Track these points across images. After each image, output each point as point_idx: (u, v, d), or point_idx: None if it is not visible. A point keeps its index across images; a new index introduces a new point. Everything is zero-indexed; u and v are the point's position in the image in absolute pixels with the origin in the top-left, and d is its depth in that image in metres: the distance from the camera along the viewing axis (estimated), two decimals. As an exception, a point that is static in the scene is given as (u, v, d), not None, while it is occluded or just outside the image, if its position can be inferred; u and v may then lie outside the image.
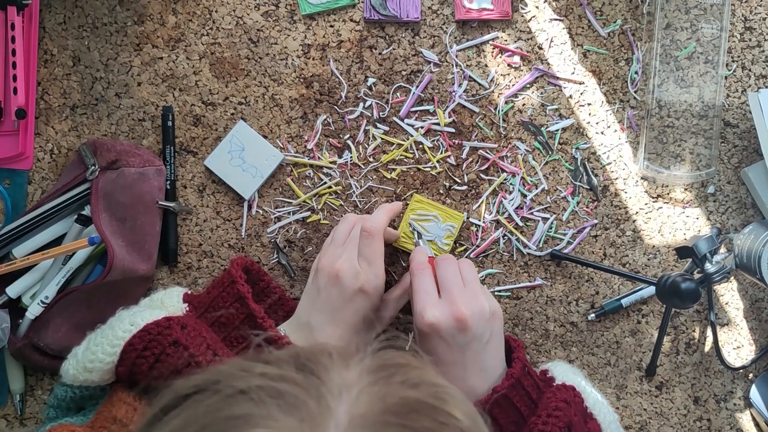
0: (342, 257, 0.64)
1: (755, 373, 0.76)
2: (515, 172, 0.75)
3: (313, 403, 0.32)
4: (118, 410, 0.54)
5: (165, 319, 0.57)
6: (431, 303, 0.60)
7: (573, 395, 0.60)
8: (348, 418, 0.32)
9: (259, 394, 0.32)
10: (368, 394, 0.33)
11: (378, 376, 0.35)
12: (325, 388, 0.33)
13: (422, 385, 0.35)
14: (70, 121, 0.75)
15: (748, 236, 0.71)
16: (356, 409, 0.33)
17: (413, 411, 0.33)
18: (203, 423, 0.32)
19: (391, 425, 0.32)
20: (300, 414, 0.32)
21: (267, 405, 0.32)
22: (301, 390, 0.33)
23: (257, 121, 0.75)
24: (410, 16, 0.74)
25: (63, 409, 0.60)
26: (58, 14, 0.75)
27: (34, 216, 0.70)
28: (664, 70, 0.74)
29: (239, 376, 0.34)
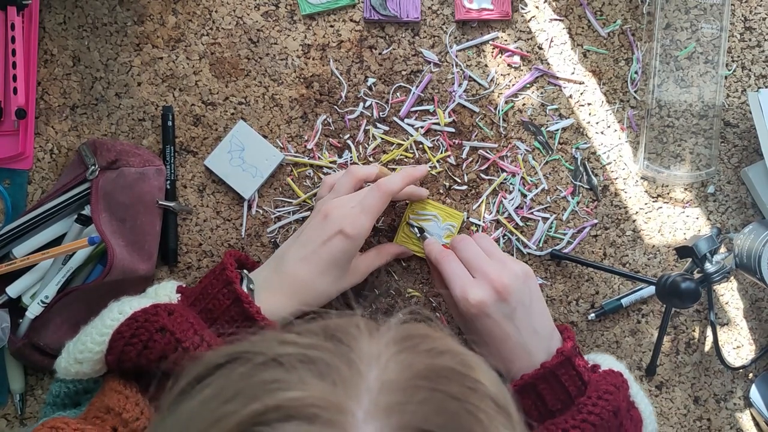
0: (336, 201, 0.64)
1: (755, 372, 0.76)
2: (515, 172, 0.75)
3: (345, 369, 0.33)
4: (110, 399, 0.54)
5: (152, 306, 0.57)
6: (470, 284, 0.62)
7: (621, 381, 0.61)
8: (378, 384, 0.32)
9: (290, 361, 0.33)
10: (396, 362, 0.34)
11: (404, 345, 0.35)
12: (355, 355, 0.34)
13: (448, 353, 0.36)
14: (70, 121, 0.75)
15: (748, 236, 0.71)
16: (386, 375, 0.33)
17: (441, 377, 0.33)
18: (236, 389, 0.32)
19: (421, 389, 0.32)
20: (332, 378, 0.32)
21: (299, 371, 0.32)
22: (333, 356, 0.33)
23: (257, 121, 0.75)
24: (410, 16, 0.74)
25: (59, 405, 0.60)
26: (58, 14, 0.75)
27: (34, 216, 0.70)
28: (664, 70, 0.74)
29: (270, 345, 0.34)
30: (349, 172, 0.67)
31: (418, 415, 0.31)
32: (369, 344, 0.35)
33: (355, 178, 0.67)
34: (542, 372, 0.59)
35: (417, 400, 0.32)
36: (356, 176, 0.67)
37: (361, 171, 0.67)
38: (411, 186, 0.70)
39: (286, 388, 0.31)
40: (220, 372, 0.34)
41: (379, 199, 0.64)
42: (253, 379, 0.33)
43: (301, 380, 0.32)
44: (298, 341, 0.34)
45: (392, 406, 0.31)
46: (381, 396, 0.32)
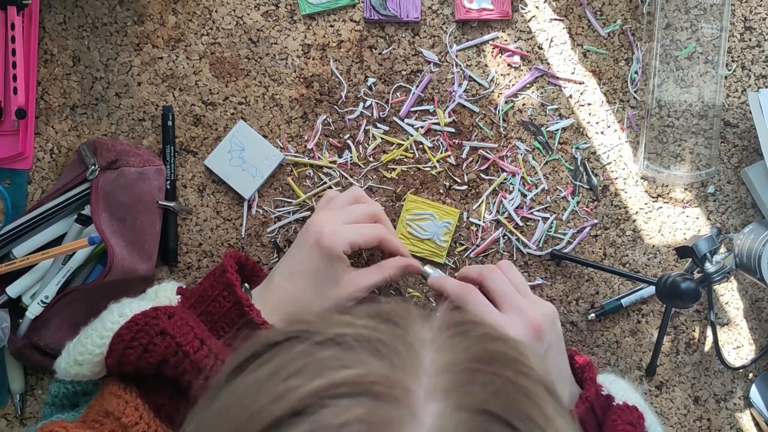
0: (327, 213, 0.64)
1: (755, 372, 0.76)
2: (515, 172, 0.75)
3: (402, 350, 0.33)
4: (109, 403, 0.54)
5: (152, 309, 0.57)
6: (504, 321, 0.59)
7: (637, 417, 0.59)
8: (435, 366, 0.33)
9: (348, 341, 0.33)
10: (450, 346, 0.34)
11: (456, 330, 0.36)
12: (411, 338, 0.34)
13: (500, 338, 0.36)
14: (70, 121, 0.75)
15: (748, 236, 0.71)
16: (441, 358, 0.33)
17: (496, 361, 0.34)
18: (298, 366, 0.32)
19: (478, 372, 0.33)
20: (391, 359, 0.33)
21: (357, 351, 0.33)
22: (390, 338, 0.34)
23: (257, 121, 0.75)
24: (410, 16, 0.74)
25: (57, 406, 0.60)
26: (58, 14, 0.75)
27: (34, 216, 0.70)
28: (664, 70, 0.74)
29: (328, 326, 0.34)
30: (351, 191, 0.68)
31: (478, 396, 0.32)
32: (422, 328, 0.35)
33: (354, 198, 0.68)
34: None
35: (476, 382, 0.32)
36: (356, 196, 0.68)
37: (362, 193, 0.69)
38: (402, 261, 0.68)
39: (348, 366, 0.32)
40: (277, 350, 0.34)
41: (370, 235, 0.64)
42: (314, 356, 0.33)
43: (361, 360, 0.32)
44: (354, 322, 0.35)
45: (451, 387, 0.32)
46: (439, 378, 0.32)
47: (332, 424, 0.29)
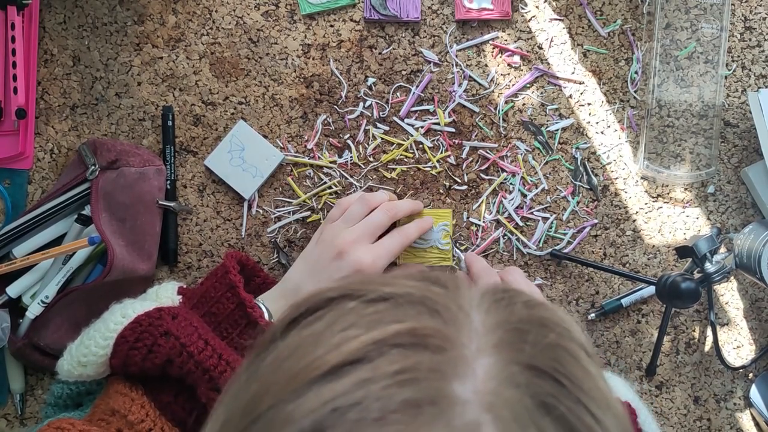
0: (352, 236, 0.64)
1: (755, 372, 0.76)
2: (515, 172, 0.75)
3: (454, 309, 0.34)
4: (114, 402, 0.54)
5: (156, 310, 0.57)
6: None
7: (629, 413, 0.59)
8: (484, 326, 0.34)
9: (399, 300, 0.34)
10: (497, 309, 0.35)
11: (501, 296, 0.37)
12: (462, 300, 0.35)
13: (544, 306, 0.37)
14: (70, 121, 0.75)
15: (748, 236, 0.71)
16: (490, 318, 0.34)
17: (542, 324, 0.35)
18: (351, 320, 0.33)
19: (527, 332, 0.34)
20: (442, 317, 0.33)
21: (408, 308, 0.34)
22: (441, 297, 0.35)
23: (257, 121, 0.75)
24: (410, 16, 0.74)
25: (60, 406, 0.60)
26: (58, 14, 0.75)
27: (34, 216, 0.70)
28: (664, 70, 0.74)
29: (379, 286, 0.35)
30: (363, 199, 0.68)
31: (527, 353, 0.32)
32: (469, 292, 0.36)
33: (368, 207, 0.68)
34: None
35: (526, 340, 0.33)
36: (369, 204, 0.68)
37: (373, 199, 0.69)
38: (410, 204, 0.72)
39: (402, 320, 0.33)
40: (331, 305, 0.35)
41: (400, 244, 0.66)
42: (366, 311, 0.34)
43: (413, 315, 0.33)
44: (405, 283, 0.36)
45: (502, 344, 0.33)
46: (489, 335, 0.33)
47: (389, 371, 0.30)
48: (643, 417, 0.61)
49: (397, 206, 0.69)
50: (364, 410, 0.29)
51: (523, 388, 0.31)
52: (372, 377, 0.30)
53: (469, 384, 0.30)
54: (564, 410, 0.31)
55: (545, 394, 0.31)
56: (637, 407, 0.61)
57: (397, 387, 0.29)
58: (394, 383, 0.30)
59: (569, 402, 0.31)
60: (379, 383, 0.30)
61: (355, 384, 0.30)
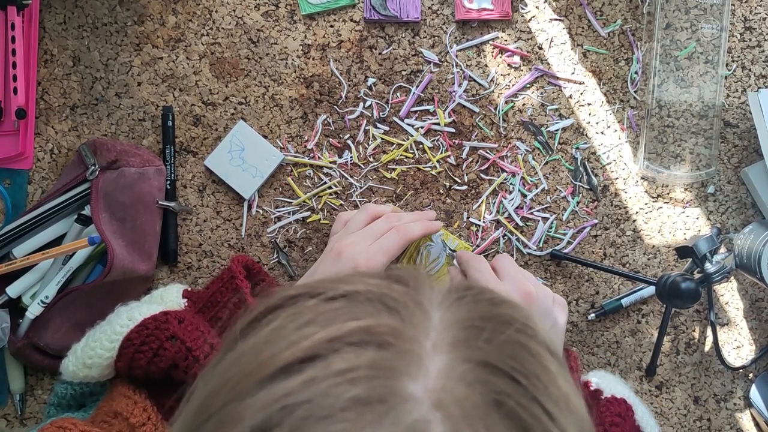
0: (351, 239, 0.64)
1: (755, 373, 0.76)
2: (515, 172, 0.75)
3: (413, 306, 0.34)
4: (118, 404, 0.55)
5: (162, 314, 0.57)
6: (495, 281, 0.61)
7: (626, 409, 0.59)
8: (443, 323, 0.34)
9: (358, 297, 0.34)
10: (458, 306, 0.35)
11: (465, 293, 0.37)
12: (422, 297, 0.35)
13: (507, 303, 0.37)
14: (70, 121, 0.75)
15: (748, 236, 0.71)
16: (450, 316, 0.34)
17: (503, 322, 0.35)
18: (308, 318, 0.33)
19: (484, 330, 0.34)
20: (400, 314, 0.34)
21: (367, 305, 0.34)
22: (401, 295, 0.35)
23: (257, 121, 0.75)
24: (410, 16, 0.74)
25: (64, 407, 0.60)
26: (58, 14, 0.75)
27: (34, 216, 0.70)
28: (664, 70, 0.74)
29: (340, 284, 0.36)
30: (365, 209, 0.68)
31: (483, 350, 0.33)
32: (432, 290, 0.37)
33: (370, 216, 0.67)
34: None
35: (480, 337, 0.33)
36: (371, 214, 0.68)
37: (375, 209, 0.68)
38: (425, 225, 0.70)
39: (359, 318, 0.33)
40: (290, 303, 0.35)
41: (397, 243, 0.64)
42: (325, 308, 0.34)
43: (371, 313, 0.33)
44: (366, 281, 0.36)
45: (458, 342, 0.33)
46: (446, 333, 0.33)
47: (341, 368, 0.30)
48: (640, 414, 0.61)
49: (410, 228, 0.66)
50: (312, 408, 0.29)
51: (475, 386, 0.31)
52: (323, 375, 0.30)
53: (421, 382, 0.30)
54: (517, 407, 0.31)
55: (498, 392, 0.31)
56: (634, 403, 0.61)
57: (347, 385, 0.30)
58: (345, 381, 0.30)
59: (524, 399, 0.31)
60: (329, 381, 0.30)
61: (306, 382, 0.30)
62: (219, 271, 0.75)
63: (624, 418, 0.58)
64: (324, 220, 0.75)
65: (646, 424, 0.61)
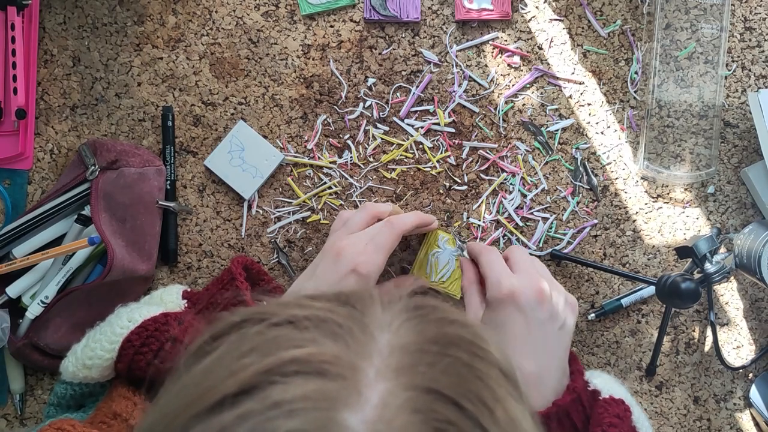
0: (351, 239, 0.64)
1: (755, 373, 0.76)
2: (515, 172, 0.75)
3: (357, 331, 0.34)
4: (117, 405, 0.55)
5: (162, 315, 0.57)
6: (508, 274, 0.61)
7: (624, 410, 0.59)
8: (389, 347, 0.33)
9: (303, 323, 0.34)
10: (407, 328, 0.35)
11: (415, 313, 0.36)
12: (368, 320, 0.35)
13: (457, 322, 0.36)
14: (70, 121, 0.75)
15: (748, 236, 0.71)
16: (397, 339, 0.34)
17: (451, 343, 0.34)
18: (252, 345, 0.33)
19: (430, 353, 0.33)
20: (345, 340, 0.33)
21: (311, 331, 0.33)
22: (346, 320, 0.34)
23: (257, 121, 0.75)
24: (410, 16, 0.74)
25: (63, 407, 0.60)
26: (58, 14, 0.75)
27: (34, 216, 0.70)
28: (664, 70, 0.74)
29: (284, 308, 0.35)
30: (364, 208, 0.68)
31: (427, 376, 0.32)
32: (381, 311, 0.36)
33: (370, 215, 0.67)
34: (555, 410, 0.57)
35: (426, 362, 0.33)
36: (371, 213, 0.67)
37: (375, 208, 0.68)
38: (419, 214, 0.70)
39: (300, 345, 0.32)
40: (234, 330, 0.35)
41: (390, 236, 0.64)
42: (268, 335, 0.33)
43: (314, 339, 0.33)
44: (312, 305, 0.35)
45: (402, 368, 0.32)
46: (391, 358, 0.33)
47: (278, 400, 0.30)
48: (636, 414, 0.61)
49: (402, 219, 0.67)
50: None
51: (417, 415, 0.30)
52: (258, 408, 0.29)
53: (360, 413, 0.30)
54: None
55: (441, 420, 0.30)
56: (631, 404, 0.61)
57: (283, 418, 0.29)
58: (281, 414, 0.29)
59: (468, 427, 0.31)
60: (265, 414, 0.29)
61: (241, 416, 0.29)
62: (219, 272, 0.75)
63: (622, 419, 0.58)
64: (324, 220, 0.75)
65: (641, 425, 0.61)
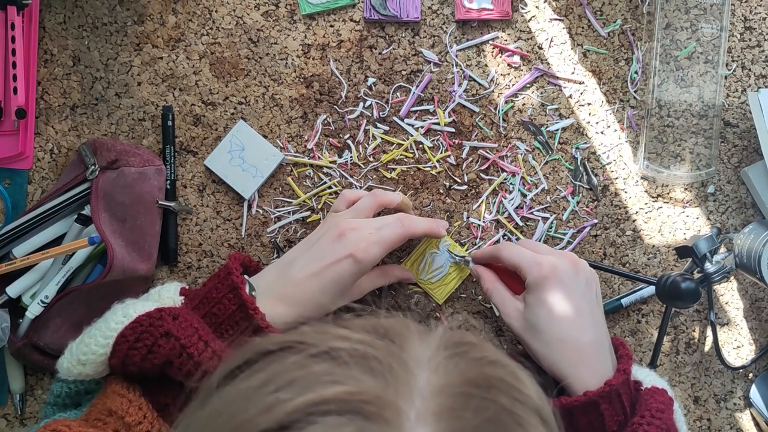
0: (356, 224, 0.64)
1: (755, 372, 0.76)
2: (515, 172, 0.75)
3: (397, 368, 0.33)
4: (112, 402, 0.54)
5: (156, 311, 0.57)
6: (541, 254, 0.63)
7: (668, 399, 0.59)
8: (429, 387, 0.32)
9: (342, 356, 0.33)
10: (446, 367, 0.34)
11: (455, 351, 0.35)
12: (407, 356, 0.34)
13: (498, 363, 0.36)
14: (70, 121, 0.75)
15: (748, 236, 0.71)
16: (436, 379, 0.33)
17: (492, 387, 0.33)
18: (290, 377, 0.32)
19: (472, 397, 0.32)
20: (384, 377, 0.32)
21: (351, 366, 0.32)
22: (385, 355, 0.33)
23: (257, 121, 0.75)
24: (410, 16, 0.74)
25: (60, 405, 0.60)
26: (58, 14, 0.75)
27: (34, 216, 0.70)
28: (664, 70, 0.74)
29: (323, 338, 0.34)
30: (374, 194, 0.67)
31: (470, 422, 0.31)
32: (420, 346, 0.35)
33: (378, 203, 0.67)
34: (608, 390, 0.57)
35: (469, 407, 0.32)
36: (380, 200, 0.67)
37: (385, 197, 0.68)
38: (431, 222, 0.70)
39: (341, 382, 0.31)
40: (270, 359, 0.34)
41: (398, 236, 0.64)
42: (306, 369, 0.32)
43: (353, 376, 0.32)
44: (350, 336, 0.34)
45: (444, 411, 0.31)
46: (432, 400, 0.32)
47: None
48: (675, 406, 0.61)
49: (415, 222, 0.67)
50: None
51: None
52: None
53: None
54: None
55: None
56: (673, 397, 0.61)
57: None
58: None
59: None
60: None
61: None
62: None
63: (667, 407, 0.58)
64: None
65: (679, 419, 0.61)
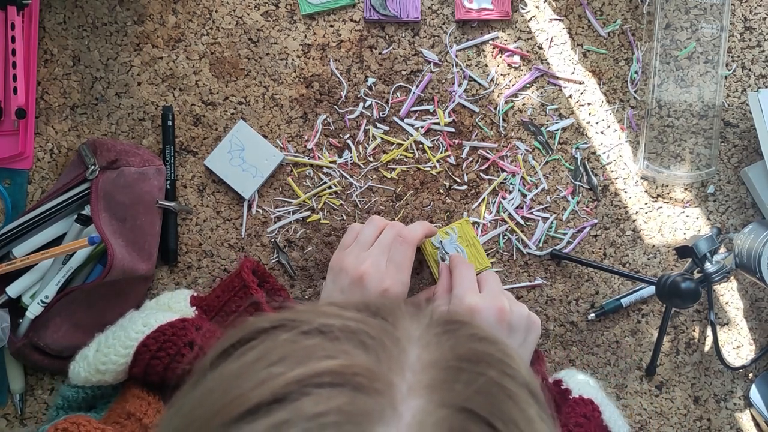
0: (368, 260, 0.63)
1: (755, 372, 0.76)
2: (515, 172, 0.75)
3: (389, 344, 0.33)
4: (131, 405, 0.55)
5: (180, 321, 0.58)
6: (473, 290, 0.62)
7: (591, 410, 0.59)
8: (420, 362, 0.33)
9: (334, 332, 0.33)
10: (437, 344, 0.34)
11: (445, 328, 0.36)
12: (399, 333, 0.34)
13: (488, 339, 0.36)
14: (70, 121, 0.75)
15: (748, 236, 0.71)
16: (427, 354, 0.33)
17: (483, 361, 0.34)
18: (282, 353, 0.32)
19: (463, 371, 0.33)
20: (376, 352, 0.33)
21: (342, 342, 0.33)
22: (377, 331, 0.34)
23: (257, 121, 0.75)
24: (410, 16, 0.74)
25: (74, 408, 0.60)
26: (58, 14, 0.75)
27: (34, 216, 0.70)
28: (664, 70, 0.74)
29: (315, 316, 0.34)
30: (372, 222, 0.68)
31: (461, 394, 0.32)
32: (411, 324, 0.36)
33: (378, 228, 0.68)
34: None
35: (459, 380, 0.32)
36: (379, 226, 0.68)
37: (381, 221, 0.69)
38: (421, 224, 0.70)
39: (333, 356, 0.32)
40: (263, 336, 0.34)
41: (407, 252, 0.65)
42: (299, 345, 0.33)
43: (346, 351, 0.32)
44: (342, 314, 0.35)
45: (435, 384, 0.32)
46: (424, 374, 0.32)
47: (310, 412, 0.29)
48: (608, 414, 0.61)
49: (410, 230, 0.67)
50: None
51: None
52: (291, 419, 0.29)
53: (393, 429, 0.29)
54: None
55: None
56: (601, 404, 0.61)
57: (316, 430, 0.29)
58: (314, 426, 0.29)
59: None
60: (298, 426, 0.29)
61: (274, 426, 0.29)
62: (219, 271, 0.75)
63: (589, 418, 0.59)
64: (324, 219, 0.75)
65: (614, 424, 0.61)
